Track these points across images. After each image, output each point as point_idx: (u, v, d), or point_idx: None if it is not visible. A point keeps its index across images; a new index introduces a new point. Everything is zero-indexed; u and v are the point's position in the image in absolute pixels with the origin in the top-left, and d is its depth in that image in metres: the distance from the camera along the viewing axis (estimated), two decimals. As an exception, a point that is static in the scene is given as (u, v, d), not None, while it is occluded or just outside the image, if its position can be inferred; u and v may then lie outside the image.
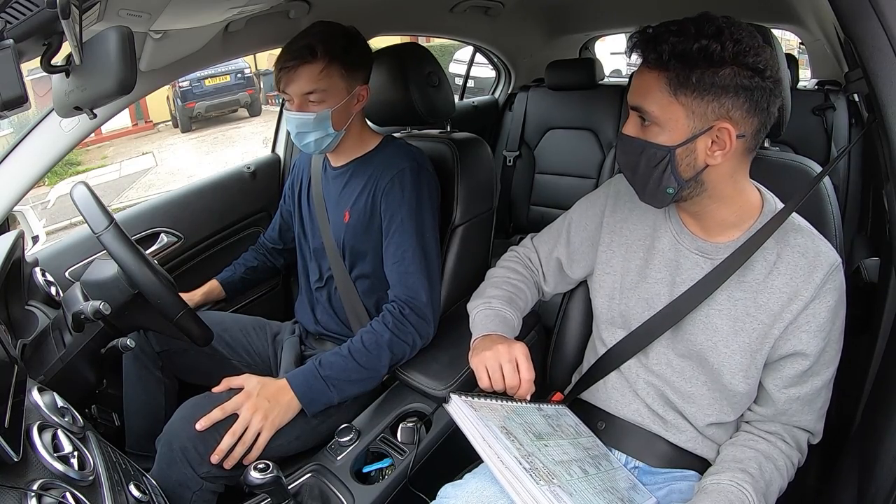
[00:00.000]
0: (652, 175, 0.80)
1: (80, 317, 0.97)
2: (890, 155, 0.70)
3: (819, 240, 0.83)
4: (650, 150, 0.79)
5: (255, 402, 1.03)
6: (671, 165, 0.78)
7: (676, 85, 0.75)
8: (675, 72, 0.74)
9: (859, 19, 0.66)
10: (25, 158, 1.22)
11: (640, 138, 0.80)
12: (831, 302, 0.81)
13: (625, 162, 0.85)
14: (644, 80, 0.78)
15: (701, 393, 0.89)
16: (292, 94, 1.14)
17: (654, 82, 0.76)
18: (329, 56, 1.12)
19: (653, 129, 0.79)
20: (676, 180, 0.79)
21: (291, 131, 1.18)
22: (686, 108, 0.75)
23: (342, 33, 1.16)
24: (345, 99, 1.16)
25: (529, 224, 2.55)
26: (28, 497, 0.61)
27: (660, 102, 0.76)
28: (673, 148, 0.77)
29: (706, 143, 0.77)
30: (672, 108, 0.76)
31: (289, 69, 1.12)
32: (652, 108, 0.77)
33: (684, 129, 0.77)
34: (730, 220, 0.85)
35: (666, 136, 0.78)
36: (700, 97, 0.74)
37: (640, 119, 0.80)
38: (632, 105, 0.81)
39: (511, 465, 0.71)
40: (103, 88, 0.69)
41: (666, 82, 0.75)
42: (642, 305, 0.92)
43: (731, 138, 0.76)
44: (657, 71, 0.76)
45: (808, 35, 2.42)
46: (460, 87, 2.94)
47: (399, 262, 1.17)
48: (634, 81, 0.80)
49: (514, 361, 0.86)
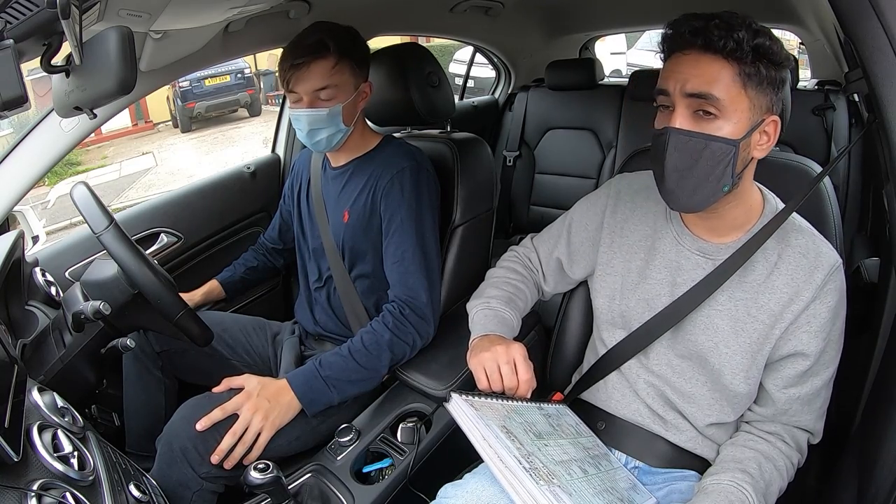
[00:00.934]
0: (713, 173, 0.76)
1: (80, 317, 0.97)
2: (890, 155, 0.70)
3: (820, 240, 0.83)
4: (715, 145, 0.75)
5: (256, 402, 1.03)
6: (733, 161, 0.76)
7: (746, 76, 0.73)
8: (748, 63, 0.73)
9: (859, 19, 0.66)
10: (25, 158, 1.22)
11: (703, 132, 0.75)
12: (832, 302, 0.81)
13: (677, 162, 0.77)
14: (709, 68, 0.73)
15: (701, 393, 0.89)
16: (302, 91, 1.14)
17: (723, 71, 0.73)
18: (340, 51, 1.12)
19: (716, 122, 0.75)
20: (733, 176, 0.77)
21: (301, 129, 1.18)
22: (750, 101, 0.75)
23: (347, 30, 1.17)
24: (353, 95, 1.17)
25: (529, 224, 2.55)
26: (28, 497, 0.61)
27: (729, 92, 0.73)
28: (738, 141, 0.75)
29: (757, 136, 0.77)
30: (739, 99, 0.74)
31: (300, 66, 1.12)
32: (724, 95, 0.73)
33: (746, 122, 0.75)
34: (739, 220, 0.85)
35: (730, 128, 0.75)
36: (762, 90, 0.75)
37: (697, 112, 0.75)
38: (692, 92, 0.74)
39: (511, 465, 0.71)
40: (103, 88, 0.69)
41: (737, 71, 0.73)
42: (643, 306, 0.92)
43: (776, 130, 0.78)
44: (727, 60, 0.73)
45: (808, 35, 2.42)
46: (460, 87, 2.94)
47: (399, 262, 1.17)
48: (689, 69, 0.74)
49: (513, 362, 0.86)
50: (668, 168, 0.78)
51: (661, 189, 0.82)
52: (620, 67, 7.84)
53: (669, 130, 0.77)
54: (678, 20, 0.76)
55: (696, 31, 0.73)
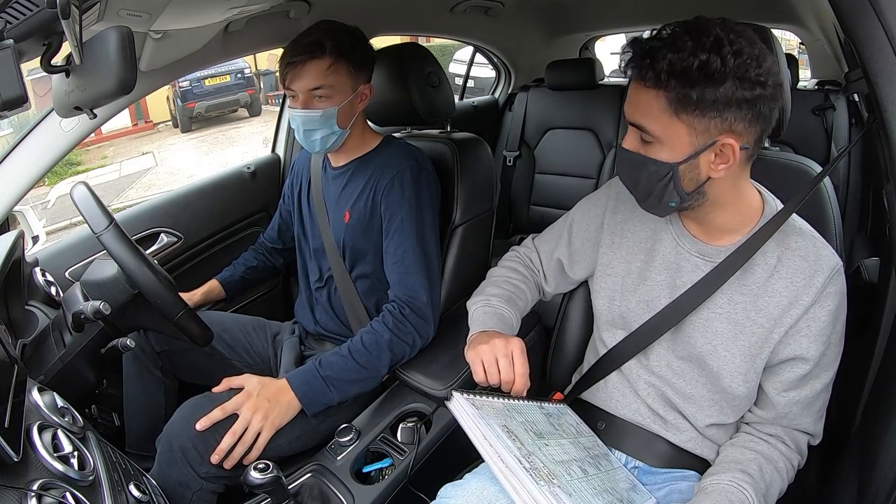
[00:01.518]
0: (654, 189, 0.79)
1: (80, 317, 0.97)
2: (890, 155, 0.70)
3: (820, 243, 0.83)
4: (651, 166, 0.78)
5: (256, 402, 1.03)
6: (674, 181, 0.77)
7: (676, 104, 0.72)
8: (675, 91, 0.71)
9: (859, 19, 0.66)
10: (25, 158, 1.22)
11: (641, 153, 0.79)
12: (832, 306, 0.80)
13: (626, 175, 0.84)
14: (641, 99, 0.75)
15: (701, 394, 0.89)
16: (298, 90, 1.14)
17: (652, 101, 0.74)
18: (337, 52, 1.12)
19: (653, 146, 0.77)
20: (678, 194, 0.79)
21: (297, 129, 1.18)
22: (688, 126, 0.73)
23: (349, 31, 1.17)
24: (350, 97, 1.16)
25: (529, 224, 2.56)
26: (28, 497, 0.61)
27: (660, 121, 0.74)
28: (675, 165, 0.76)
29: (709, 157, 0.76)
30: (674, 127, 0.74)
31: (296, 64, 1.11)
32: (652, 126, 0.75)
33: (686, 146, 0.75)
34: (731, 225, 0.85)
35: (667, 153, 0.76)
36: (702, 114, 0.72)
37: (641, 134, 0.78)
38: (630, 122, 0.79)
39: (511, 465, 0.71)
40: (103, 88, 0.69)
41: (665, 101, 0.72)
42: (642, 307, 0.92)
43: (734, 152, 0.74)
44: (655, 90, 0.73)
45: (808, 35, 2.42)
46: (460, 87, 2.94)
47: (399, 262, 1.17)
48: (631, 97, 0.78)
49: (510, 356, 0.86)
50: (622, 179, 0.86)
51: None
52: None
53: (618, 148, 0.84)
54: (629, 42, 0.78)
55: (627, 62, 0.76)
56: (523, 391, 0.87)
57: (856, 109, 1.91)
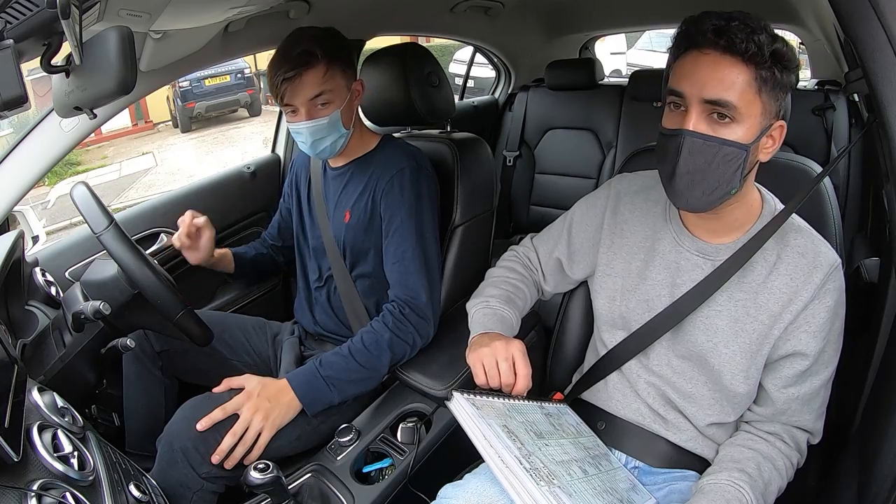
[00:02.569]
0: (724, 175, 0.76)
1: (80, 317, 0.97)
2: (890, 155, 0.70)
3: (819, 240, 0.83)
4: (727, 148, 0.75)
5: (256, 402, 1.03)
6: (743, 164, 0.76)
7: (761, 82, 0.72)
8: (767, 69, 0.72)
9: (859, 19, 0.66)
10: (25, 158, 1.22)
11: (717, 136, 0.75)
12: (830, 302, 0.81)
13: (693, 164, 0.76)
14: (728, 72, 0.72)
15: (702, 393, 0.89)
16: (299, 102, 1.12)
17: (740, 76, 0.72)
18: (329, 56, 1.11)
19: (730, 126, 0.74)
20: (740, 179, 0.78)
21: (304, 141, 1.17)
22: (763, 106, 0.74)
23: (331, 34, 1.15)
24: (347, 96, 1.16)
25: (529, 224, 2.56)
26: (28, 497, 0.61)
27: (745, 97, 0.73)
28: (749, 145, 0.75)
29: (765, 140, 0.78)
30: (754, 104, 0.74)
31: (291, 78, 1.09)
32: (738, 101, 0.73)
33: (757, 126, 0.75)
34: (739, 221, 0.85)
35: (743, 132, 0.75)
36: (774, 95, 0.74)
37: (712, 115, 0.75)
38: (709, 98, 0.73)
39: (511, 465, 0.71)
40: (103, 88, 0.69)
41: (755, 76, 0.72)
42: (643, 307, 0.92)
43: (781, 135, 0.78)
44: (746, 64, 0.72)
45: (808, 35, 2.42)
46: (460, 87, 2.94)
47: (399, 262, 1.17)
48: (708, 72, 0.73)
49: (511, 359, 0.86)
50: (679, 170, 0.77)
51: (669, 189, 0.81)
52: (620, 67, 7.84)
53: (684, 133, 0.76)
54: (698, 17, 0.74)
55: (719, 31, 0.72)
56: (524, 392, 0.87)
57: (856, 109, 1.91)
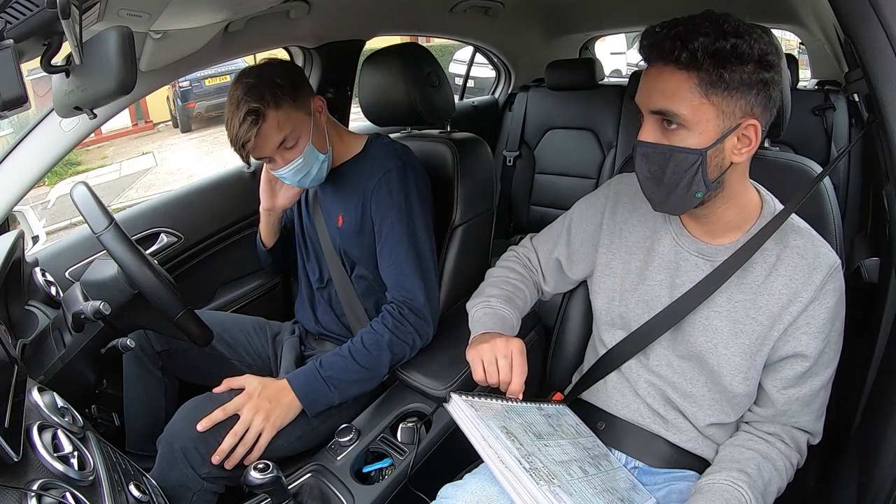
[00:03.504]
0: (681, 181, 0.77)
1: (80, 317, 0.97)
2: (890, 155, 0.70)
3: (818, 241, 0.83)
4: (679, 155, 0.75)
5: (257, 402, 1.04)
6: (702, 169, 0.75)
7: (707, 85, 0.72)
8: (708, 71, 0.71)
9: (859, 19, 0.66)
10: (25, 158, 1.22)
11: (666, 144, 0.76)
12: (830, 303, 0.81)
13: (647, 171, 0.79)
14: (669, 81, 0.73)
15: (702, 393, 0.89)
16: (267, 154, 1.11)
17: (682, 83, 0.73)
18: (273, 102, 1.06)
19: (679, 133, 0.75)
20: (705, 183, 0.77)
21: (291, 181, 1.17)
22: (716, 108, 0.73)
23: (265, 73, 1.09)
24: (311, 123, 1.13)
25: (529, 224, 2.56)
26: (28, 497, 0.61)
27: (690, 104, 0.73)
28: (705, 150, 0.74)
29: (733, 141, 0.76)
30: (703, 109, 0.73)
31: (249, 141, 1.06)
32: (682, 110, 0.73)
33: (714, 130, 0.74)
34: (734, 222, 0.85)
35: (696, 138, 0.74)
36: (730, 95, 0.72)
37: (663, 123, 0.76)
38: (653, 109, 0.76)
39: (511, 465, 0.71)
40: (103, 88, 0.69)
41: (697, 82, 0.72)
42: (642, 307, 0.92)
43: (756, 134, 0.75)
44: (686, 71, 0.72)
45: (808, 35, 2.42)
46: (460, 87, 2.94)
47: (394, 265, 1.17)
48: (652, 83, 0.75)
49: (510, 356, 0.86)
50: (640, 176, 0.81)
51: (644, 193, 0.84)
52: (620, 67, 7.84)
53: (637, 143, 0.79)
54: (647, 30, 0.75)
55: (651, 45, 0.74)
56: (519, 393, 0.87)
57: (856, 109, 1.91)
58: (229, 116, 1.07)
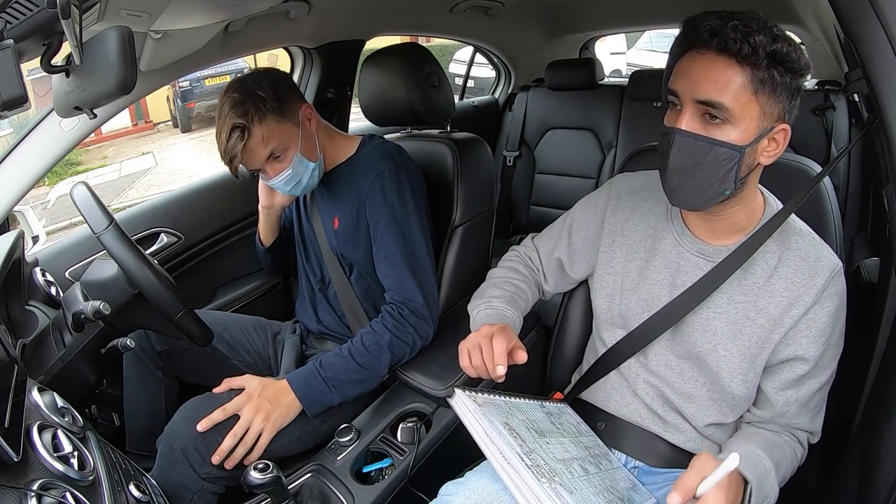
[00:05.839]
0: (715, 176, 0.76)
1: (80, 317, 0.97)
2: (890, 155, 0.70)
3: (820, 244, 0.83)
4: (719, 149, 0.74)
5: (257, 403, 1.04)
6: (737, 166, 0.75)
7: (759, 82, 0.71)
8: (763, 69, 0.71)
9: (859, 19, 0.66)
10: (25, 158, 1.22)
11: (708, 136, 0.74)
12: (832, 307, 0.80)
13: (682, 162, 0.76)
14: (723, 72, 0.72)
15: (700, 394, 0.89)
16: (257, 166, 1.11)
17: (735, 77, 0.71)
18: (257, 117, 1.06)
19: (723, 128, 0.74)
20: (735, 181, 0.76)
21: (283, 190, 1.17)
22: (761, 108, 0.73)
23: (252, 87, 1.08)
24: (299, 132, 1.13)
25: (529, 224, 2.56)
26: (28, 497, 0.61)
27: (740, 99, 0.72)
28: (744, 148, 0.74)
29: (765, 143, 0.76)
30: (750, 107, 0.72)
31: (237, 155, 1.07)
32: (732, 104, 0.72)
33: (755, 129, 0.74)
34: (741, 224, 0.85)
35: (737, 134, 0.73)
36: (774, 97, 0.72)
37: (705, 115, 0.74)
38: (701, 99, 0.73)
39: (513, 461, 0.71)
40: (103, 88, 0.69)
41: (750, 78, 0.71)
42: (642, 306, 0.92)
43: (785, 138, 0.76)
44: (742, 65, 0.71)
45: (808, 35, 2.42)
46: (460, 87, 2.94)
47: (391, 266, 1.17)
48: (703, 72, 0.73)
49: (491, 336, 0.84)
50: (670, 167, 0.78)
51: (664, 185, 0.82)
52: (620, 67, 7.84)
53: (675, 131, 0.76)
54: (697, 17, 0.74)
55: (713, 32, 0.71)
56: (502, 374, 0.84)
57: (856, 109, 1.90)
58: (218, 130, 1.08)
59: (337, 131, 1.29)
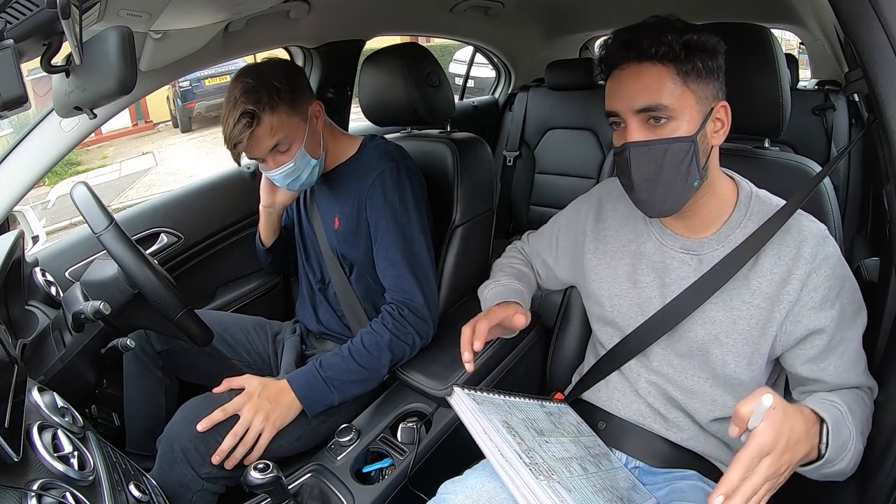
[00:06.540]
0: (679, 173, 0.78)
1: (80, 317, 0.97)
2: (890, 155, 0.70)
3: (799, 213, 0.83)
4: (674, 146, 0.77)
5: (257, 403, 1.04)
6: (695, 156, 0.78)
7: (685, 74, 0.76)
8: (683, 61, 0.75)
9: (859, 19, 0.66)
10: (25, 158, 1.22)
11: (659, 138, 0.78)
12: (828, 271, 0.80)
13: (643, 172, 0.79)
14: (651, 77, 0.76)
15: (703, 389, 0.89)
16: (258, 155, 1.11)
17: (662, 76, 0.76)
18: (269, 106, 1.05)
19: (669, 125, 0.77)
20: (698, 170, 0.79)
21: (281, 184, 1.16)
22: (695, 95, 0.77)
23: (266, 74, 1.07)
24: (306, 128, 1.13)
25: (529, 224, 2.55)
26: (28, 497, 0.61)
27: (673, 94, 0.76)
28: (695, 136, 0.77)
29: (712, 124, 0.79)
30: (685, 97, 0.77)
31: (241, 142, 1.06)
32: (668, 100, 0.76)
33: (697, 116, 0.78)
34: (714, 213, 0.86)
35: (685, 126, 0.77)
36: (703, 81, 0.77)
37: (650, 121, 0.78)
38: (639, 108, 0.77)
39: (511, 459, 0.71)
40: (103, 88, 0.69)
41: (675, 72, 0.76)
42: (635, 311, 0.92)
43: (727, 114, 0.80)
44: (663, 64, 0.76)
45: (808, 35, 2.42)
46: (460, 87, 2.94)
47: (391, 266, 1.17)
48: (632, 84, 0.77)
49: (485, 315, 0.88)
50: (636, 180, 0.80)
51: (634, 199, 0.84)
52: (620, 67, 7.82)
53: (628, 146, 0.79)
54: (608, 39, 0.81)
55: (628, 44, 0.77)
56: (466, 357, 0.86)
57: (856, 109, 1.90)
58: (225, 114, 1.07)
59: (340, 131, 1.29)
